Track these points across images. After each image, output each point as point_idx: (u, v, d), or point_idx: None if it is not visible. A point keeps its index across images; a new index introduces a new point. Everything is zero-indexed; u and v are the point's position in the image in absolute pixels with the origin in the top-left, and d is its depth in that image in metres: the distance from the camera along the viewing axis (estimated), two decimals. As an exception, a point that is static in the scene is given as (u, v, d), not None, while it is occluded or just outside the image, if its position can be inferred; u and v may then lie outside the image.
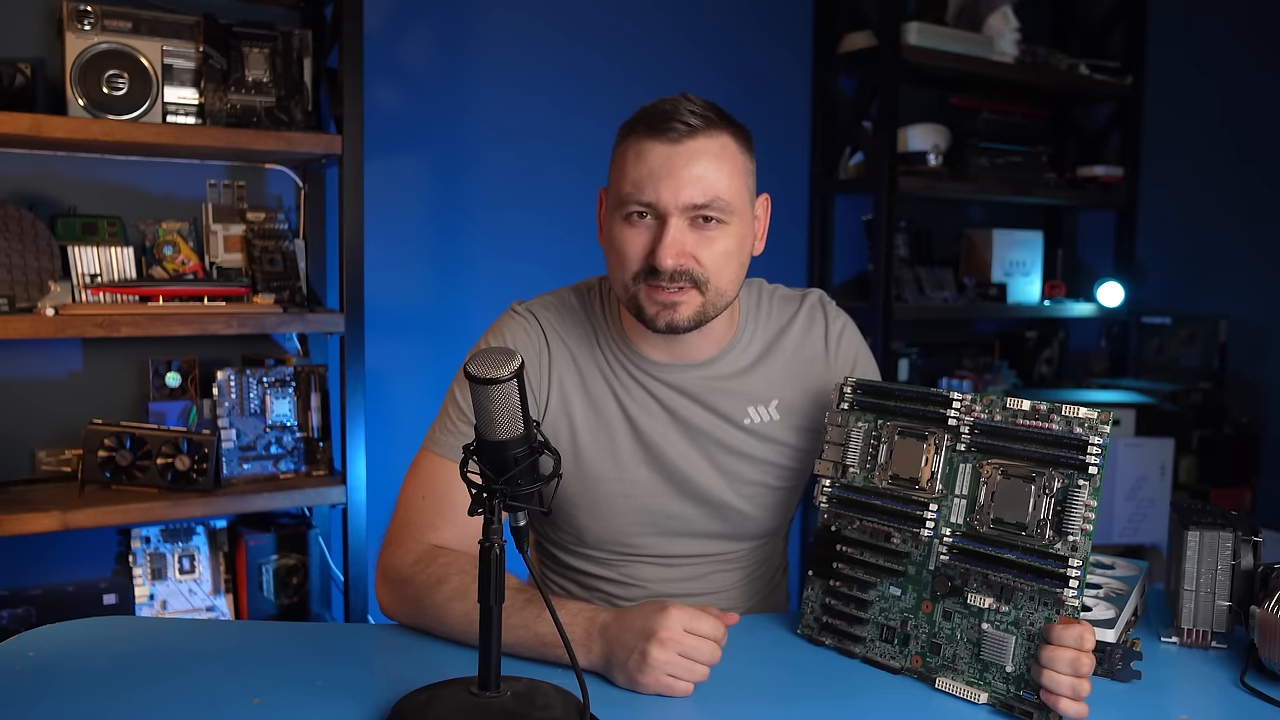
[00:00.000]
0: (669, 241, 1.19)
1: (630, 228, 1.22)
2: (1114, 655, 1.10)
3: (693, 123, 1.19)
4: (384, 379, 2.48)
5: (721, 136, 1.21)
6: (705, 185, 1.19)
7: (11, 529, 1.85)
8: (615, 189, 1.24)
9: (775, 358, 1.37)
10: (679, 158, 1.19)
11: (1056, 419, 1.05)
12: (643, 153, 1.20)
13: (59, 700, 1.00)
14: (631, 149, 1.22)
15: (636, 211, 1.21)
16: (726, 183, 1.21)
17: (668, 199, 1.19)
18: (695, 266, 1.21)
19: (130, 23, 2.02)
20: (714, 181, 1.19)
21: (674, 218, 1.19)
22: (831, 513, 1.21)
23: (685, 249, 1.20)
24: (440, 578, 1.17)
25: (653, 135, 1.20)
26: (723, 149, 1.21)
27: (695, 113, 1.20)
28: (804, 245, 3.09)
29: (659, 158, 1.19)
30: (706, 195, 1.19)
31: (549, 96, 2.68)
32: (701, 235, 1.21)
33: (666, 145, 1.19)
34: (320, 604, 2.28)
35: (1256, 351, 3.21)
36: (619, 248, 1.23)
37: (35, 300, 1.95)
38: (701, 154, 1.19)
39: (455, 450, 1.26)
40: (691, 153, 1.19)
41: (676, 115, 1.19)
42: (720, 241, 1.22)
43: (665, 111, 1.20)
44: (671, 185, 1.19)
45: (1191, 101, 3.36)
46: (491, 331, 1.36)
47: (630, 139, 1.22)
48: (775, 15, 3.02)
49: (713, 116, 1.21)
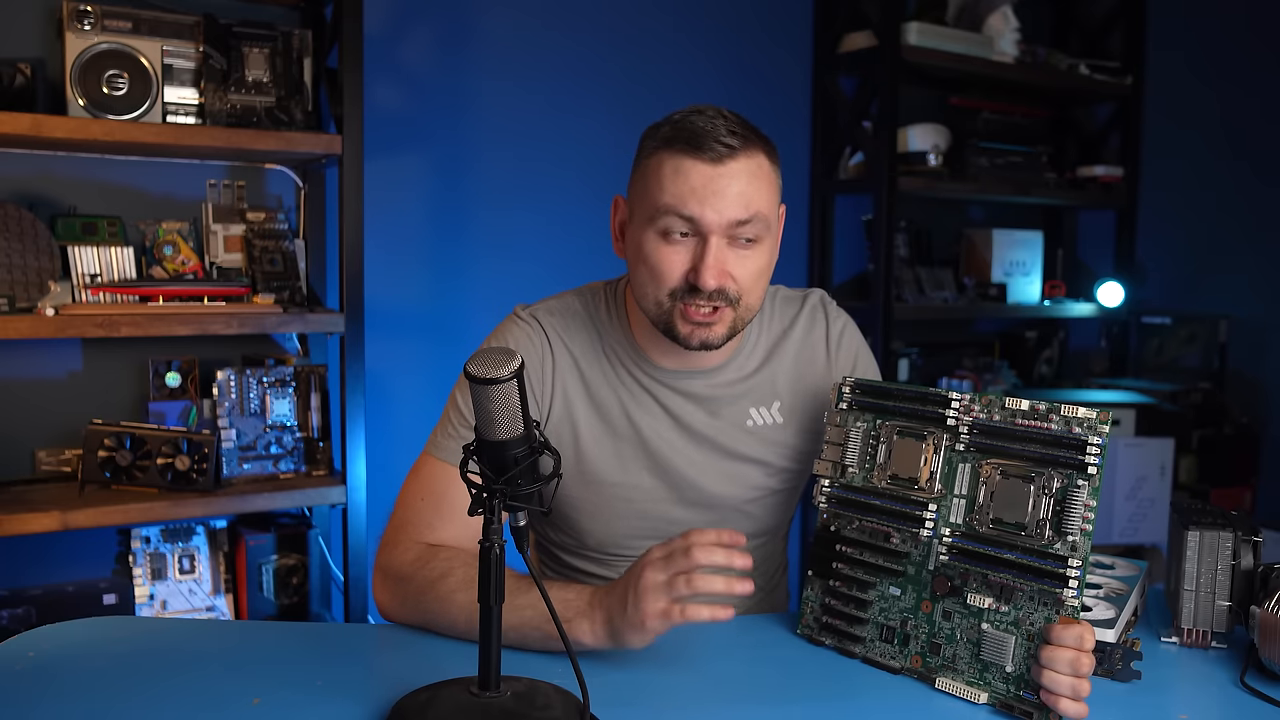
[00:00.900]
0: (711, 261, 1.19)
1: (668, 245, 1.21)
2: (1114, 655, 1.10)
3: (732, 143, 1.18)
4: (384, 379, 2.48)
5: (758, 155, 1.21)
6: (746, 203, 1.19)
7: (11, 529, 1.85)
8: (649, 204, 1.22)
9: (778, 360, 1.37)
10: (722, 178, 1.18)
11: (1056, 419, 1.05)
12: (682, 170, 1.19)
13: (59, 700, 0.99)
14: (669, 165, 1.20)
15: (678, 230, 1.20)
16: (764, 201, 1.21)
17: (712, 218, 1.18)
18: (731, 285, 1.21)
19: (130, 23, 2.02)
20: (754, 200, 1.20)
21: (715, 237, 1.19)
22: (831, 513, 1.21)
23: (726, 269, 1.20)
24: (443, 572, 1.17)
25: (693, 154, 1.19)
26: (759, 168, 1.21)
27: (736, 132, 1.19)
28: (804, 245, 3.09)
29: (701, 177, 1.18)
30: (748, 213, 1.19)
31: (549, 97, 2.68)
32: (739, 254, 1.21)
33: (708, 165, 1.18)
34: (320, 604, 2.28)
35: (1256, 351, 3.21)
36: (654, 265, 1.22)
37: (35, 300, 1.95)
38: (741, 174, 1.19)
39: (455, 454, 1.27)
40: (733, 173, 1.19)
41: (716, 135, 1.18)
42: (755, 260, 1.23)
43: (704, 130, 1.19)
44: (715, 204, 1.18)
45: (1191, 102, 3.36)
46: (495, 336, 1.36)
47: (666, 154, 1.21)
48: (775, 15, 3.02)
49: (749, 135, 1.21)
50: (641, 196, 1.24)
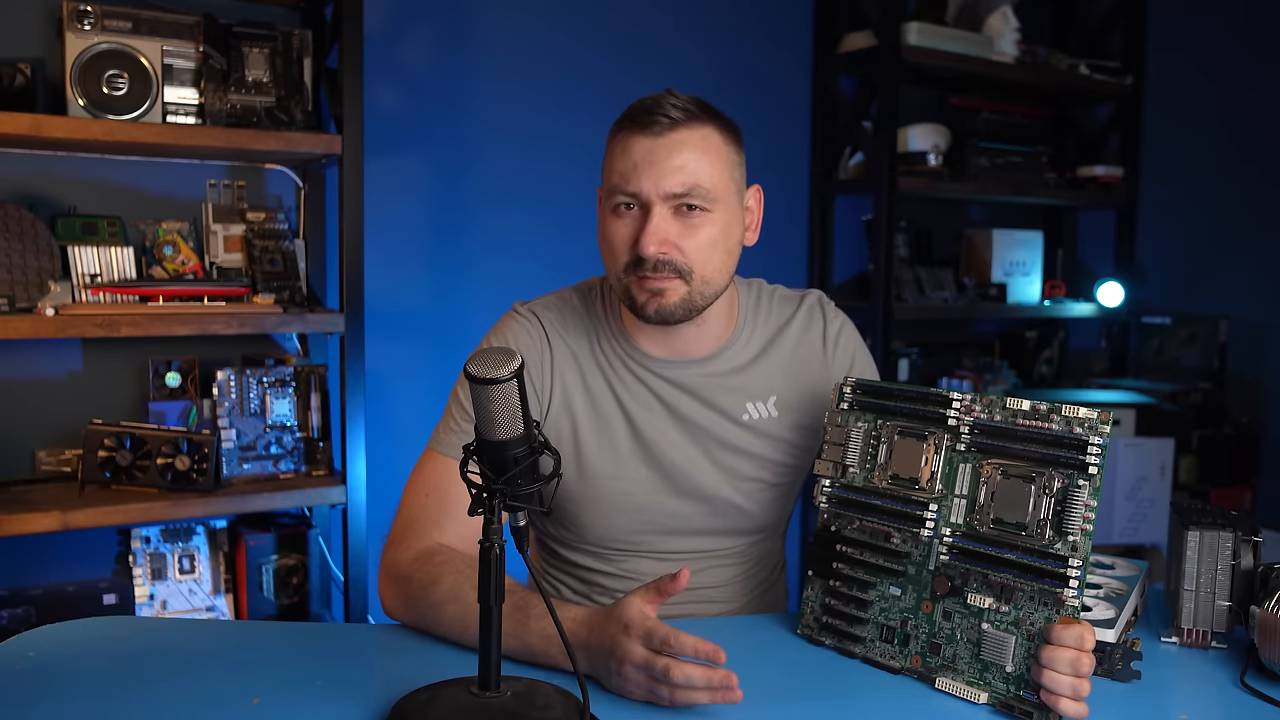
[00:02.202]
0: (651, 230, 1.22)
1: (618, 219, 1.25)
2: (1114, 655, 1.10)
3: (674, 115, 1.22)
4: (384, 379, 2.48)
5: (704, 129, 1.24)
6: (686, 174, 1.22)
7: (11, 529, 1.85)
8: (605, 183, 1.28)
9: (774, 355, 1.38)
10: (660, 149, 1.22)
11: (1056, 419, 1.05)
12: (628, 146, 1.23)
13: (59, 700, 0.99)
14: (618, 144, 1.25)
15: (624, 203, 1.24)
16: (709, 172, 1.23)
17: (649, 187, 1.22)
18: (678, 256, 1.23)
19: (130, 23, 2.02)
20: (695, 170, 1.22)
21: (657, 206, 1.22)
22: (831, 513, 1.21)
23: (668, 238, 1.23)
24: (435, 577, 1.17)
25: (637, 129, 1.23)
26: (705, 140, 1.24)
27: (677, 106, 1.23)
28: (804, 245, 3.09)
29: (642, 149, 1.22)
30: (686, 184, 1.22)
31: (549, 96, 2.68)
32: (685, 224, 1.23)
33: (649, 138, 1.22)
34: (320, 604, 2.28)
35: (1256, 351, 3.21)
36: (608, 239, 1.27)
37: (35, 300, 1.95)
38: (683, 145, 1.22)
39: (459, 450, 1.27)
40: (672, 144, 1.22)
41: (659, 109, 1.22)
42: (704, 230, 1.24)
43: (648, 106, 1.23)
44: (652, 174, 1.21)
45: (1191, 101, 3.36)
46: (494, 332, 1.36)
47: (618, 135, 1.26)
48: (775, 15, 3.02)
49: (695, 110, 1.24)
50: (603, 179, 1.28)
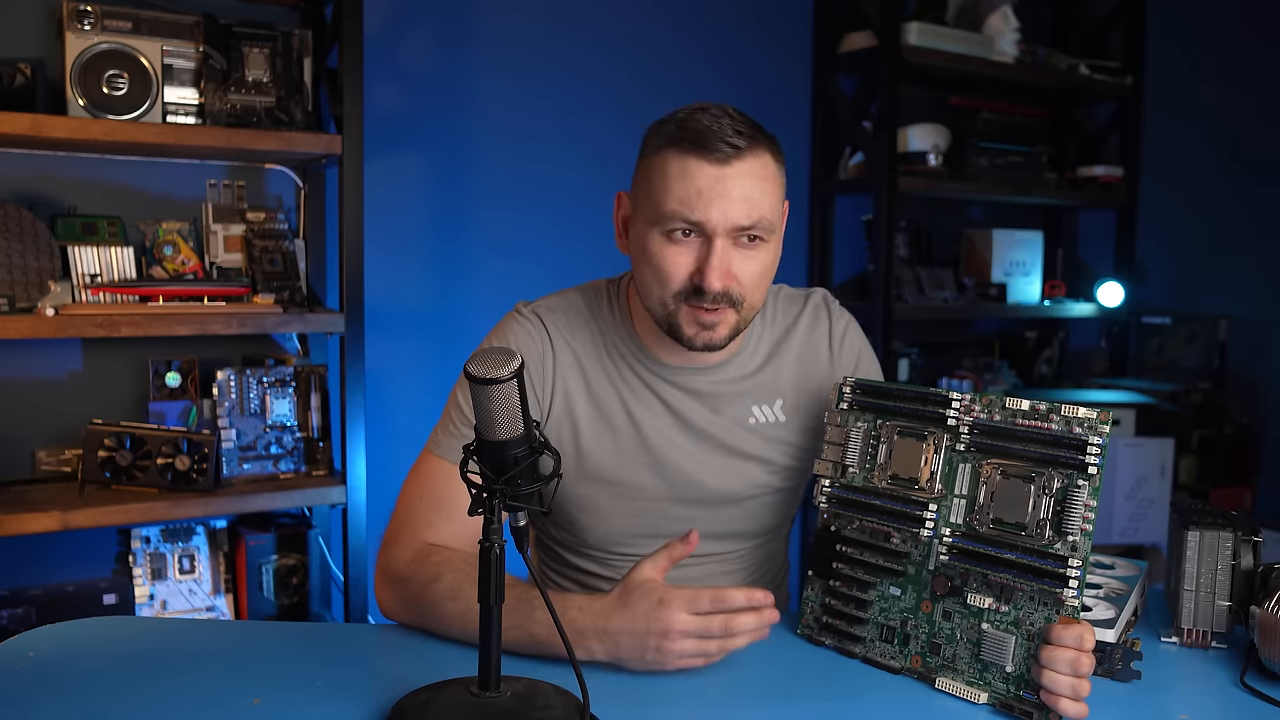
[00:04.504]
0: (716, 263, 1.18)
1: (672, 245, 1.20)
2: (1114, 655, 1.10)
3: (739, 143, 1.17)
4: (384, 379, 2.48)
5: (763, 155, 1.20)
6: (752, 206, 1.18)
7: (11, 529, 1.85)
8: (654, 204, 1.21)
9: (781, 358, 1.37)
10: (727, 179, 1.17)
11: (1056, 419, 1.05)
12: (688, 170, 1.18)
13: (59, 700, 1.00)
14: (674, 164, 1.19)
15: (681, 229, 1.20)
16: (769, 203, 1.20)
17: (717, 220, 1.18)
18: (735, 286, 1.21)
19: (130, 23, 2.02)
20: (759, 201, 1.19)
21: (720, 239, 1.19)
22: (831, 513, 1.21)
23: (730, 270, 1.20)
24: (434, 576, 1.17)
25: (698, 154, 1.18)
26: (765, 168, 1.20)
27: (742, 132, 1.18)
28: (804, 245, 3.09)
29: (707, 178, 1.17)
30: (753, 216, 1.18)
31: (549, 97, 2.68)
32: (743, 254, 1.21)
33: (714, 166, 1.17)
34: (320, 604, 2.28)
35: (1256, 351, 3.21)
36: (659, 265, 1.21)
37: (35, 300, 1.95)
38: (748, 175, 1.18)
39: (455, 452, 1.27)
40: (739, 174, 1.18)
41: (723, 135, 1.17)
42: (759, 260, 1.22)
43: (710, 129, 1.18)
44: (721, 206, 1.17)
45: (1191, 101, 3.36)
46: (496, 332, 1.36)
47: (671, 153, 1.20)
48: (775, 15, 3.02)
49: (754, 135, 1.20)
50: (646, 195, 1.23)
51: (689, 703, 1.05)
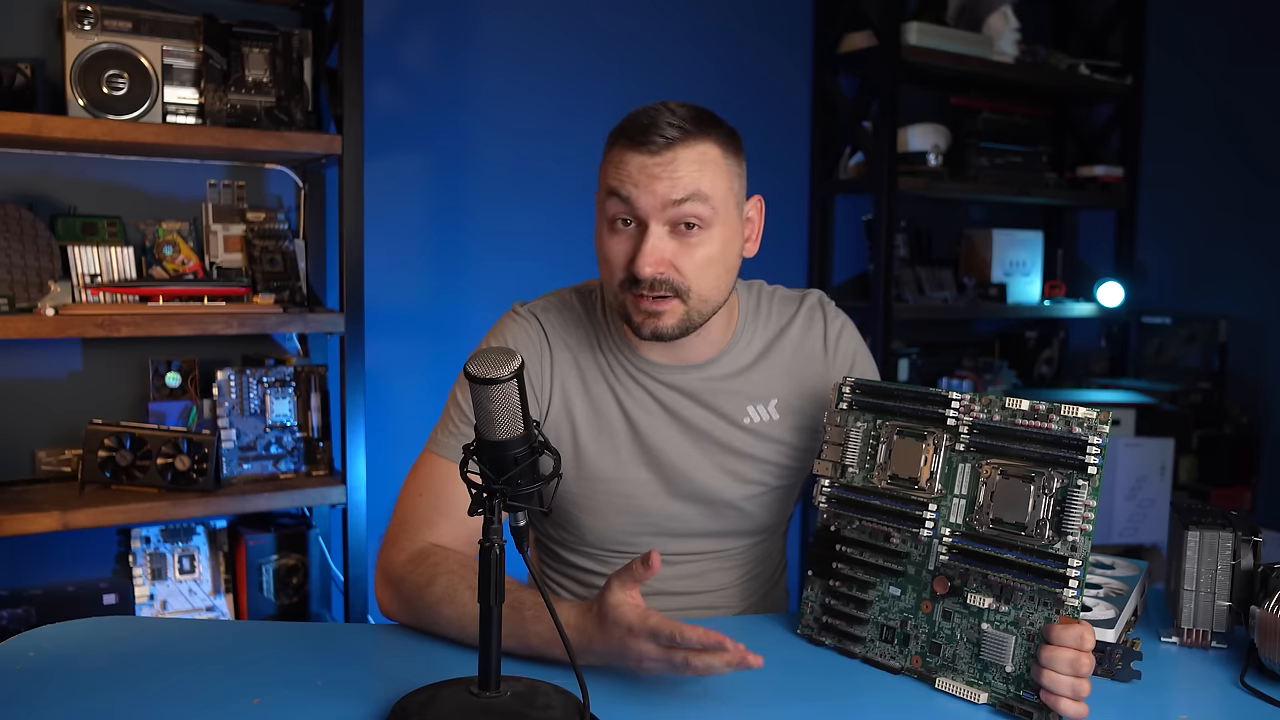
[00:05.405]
0: (647, 250, 1.19)
1: (614, 235, 1.23)
2: (1114, 655, 1.10)
3: (670, 135, 1.19)
4: (384, 379, 2.48)
5: (702, 144, 1.21)
6: (681, 191, 1.19)
7: (11, 529, 1.85)
8: (600, 193, 1.26)
9: (774, 357, 1.37)
10: (655, 167, 1.19)
11: (1056, 419, 1.05)
12: (622, 161, 1.21)
13: (59, 700, 0.99)
14: (615, 157, 1.22)
15: (620, 219, 1.22)
16: (708, 186, 1.20)
17: (645, 204, 1.19)
18: (675, 275, 1.21)
19: (130, 23, 2.02)
20: (691, 189, 1.19)
21: (653, 224, 1.20)
22: (831, 513, 1.21)
23: (664, 257, 1.20)
24: (429, 579, 1.17)
25: (633, 146, 1.20)
26: (703, 156, 1.21)
27: (674, 124, 1.19)
28: (804, 245, 3.09)
29: (636, 166, 1.20)
30: (685, 190, 1.19)
31: (549, 96, 2.68)
32: (682, 243, 1.21)
33: (644, 155, 1.19)
34: (320, 604, 2.28)
35: (1256, 351, 3.21)
36: (604, 254, 1.25)
37: (35, 300, 1.96)
38: (680, 161, 1.19)
39: (455, 451, 1.27)
40: (669, 161, 1.19)
41: (655, 128, 1.19)
42: (701, 249, 1.22)
43: (644, 124, 1.20)
44: (649, 187, 1.19)
45: (1191, 101, 3.36)
46: (493, 333, 1.36)
47: (615, 148, 1.23)
48: (775, 15, 3.02)
49: (692, 126, 1.20)
50: (599, 188, 1.26)
51: (689, 703, 1.04)
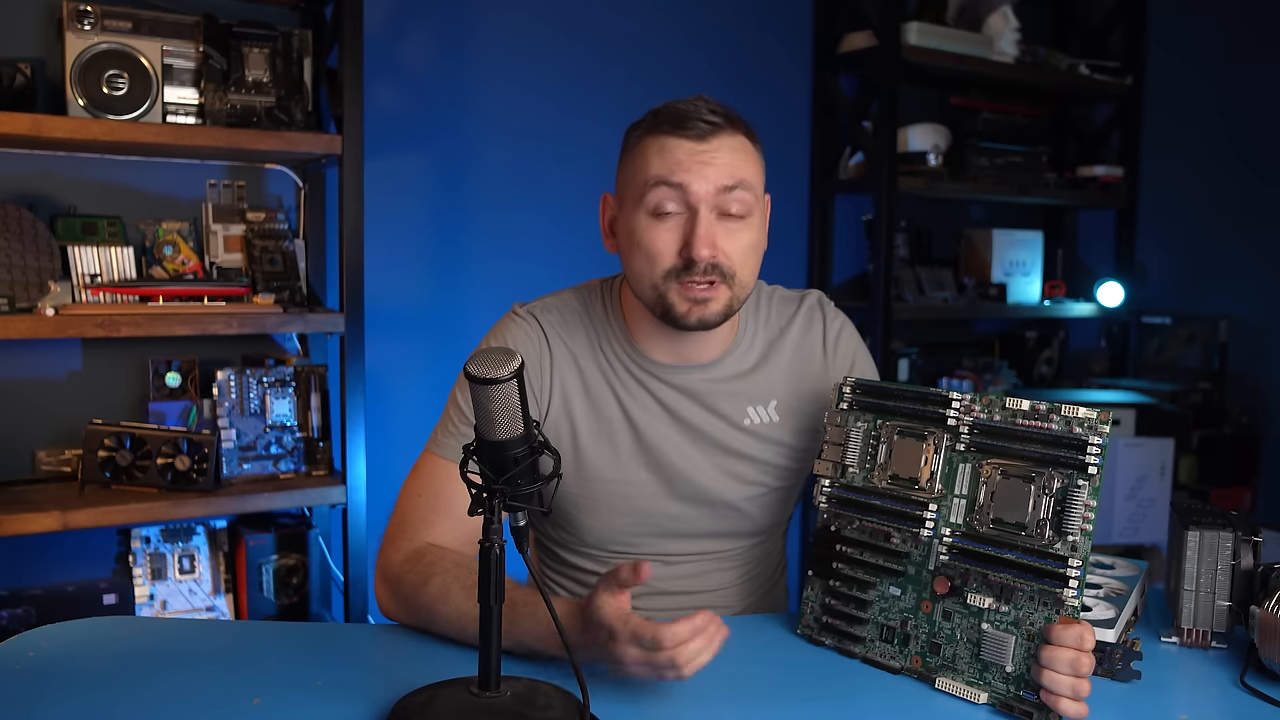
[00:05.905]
0: (702, 233, 1.20)
1: (659, 224, 1.23)
2: (1114, 655, 1.10)
3: (714, 120, 1.22)
4: (384, 379, 2.48)
5: (739, 135, 1.24)
6: (731, 172, 1.21)
7: (11, 529, 1.85)
8: (638, 184, 1.24)
9: (775, 359, 1.37)
10: (707, 152, 1.21)
11: (1056, 419, 1.05)
12: (667, 147, 1.22)
13: (59, 700, 1.00)
14: (654, 145, 1.23)
15: (666, 207, 1.22)
16: (750, 173, 1.24)
17: (699, 186, 1.20)
18: (724, 259, 1.23)
19: (130, 23, 2.02)
20: (738, 169, 1.22)
21: (704, 208, 1.21)
22: (831, 513, 1.21)
23: (716, 241, 1.22)
24: (425, 579, 1.17)
25: (677, 133, 1.21)
26: (741, 145, 1.24)
27: (716, 112, 1.23)
28: (804, 245, 3.09)
29: (685, 152, 1.21)
30: (736, 176, 1.21)
31: (549, 97, 2.68)
32: (727, 229, 1.23)
33: (692, 142, 1.21)
34: (320, 604, 2.28)
35: (1256, 351, 3.21)
36: (647, 245, 1.23)
37: (35, 300, 1.95)
38: (725, 148, 1.22)
39: (455, 451, 1.27)
40: (716, 148, 1.21)
41: (698, 114, 1.22)
42: (744, 235, 1.24)
43: (686, 111, 1.22)
44: (701, 173, 1.20)
45: (1191, 101, 3.36)
46: (493, 333, 1.36)
47: (650, 138, 1.23)
48: (775, 15, 3.02)
49: (731, 116, 1.24)
50: (630, 181, 1.26)
51: (689, 702, 1.04)
